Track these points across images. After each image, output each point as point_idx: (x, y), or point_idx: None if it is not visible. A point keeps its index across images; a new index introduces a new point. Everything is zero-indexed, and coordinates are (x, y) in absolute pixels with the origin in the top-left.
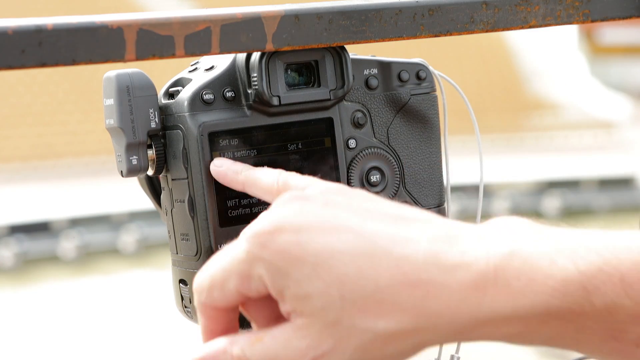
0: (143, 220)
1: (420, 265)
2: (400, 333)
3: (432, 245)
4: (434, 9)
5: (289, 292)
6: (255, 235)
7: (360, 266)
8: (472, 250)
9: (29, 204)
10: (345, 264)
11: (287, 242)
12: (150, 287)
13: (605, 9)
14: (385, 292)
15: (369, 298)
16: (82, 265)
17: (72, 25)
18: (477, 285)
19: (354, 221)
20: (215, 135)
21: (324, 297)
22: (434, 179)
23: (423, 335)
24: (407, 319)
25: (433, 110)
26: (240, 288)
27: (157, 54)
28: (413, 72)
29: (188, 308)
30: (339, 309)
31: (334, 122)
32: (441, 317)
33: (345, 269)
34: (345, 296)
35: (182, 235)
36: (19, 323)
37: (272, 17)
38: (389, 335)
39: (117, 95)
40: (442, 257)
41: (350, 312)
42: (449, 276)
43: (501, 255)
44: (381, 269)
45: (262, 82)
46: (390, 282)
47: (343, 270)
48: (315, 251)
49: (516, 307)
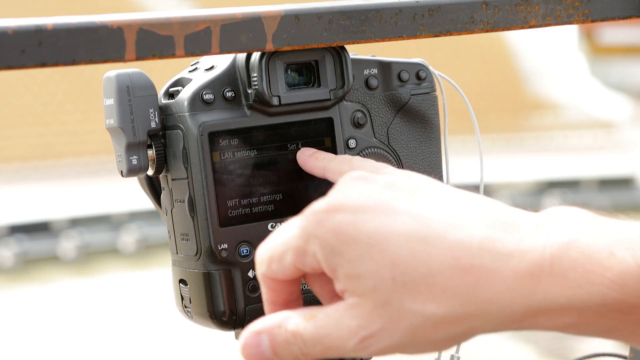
0: (143, 220)
1: (474, 251)
2: (450, 318)
3: (487, 231)
4: (434, 9)
5: (341, 271)
6: (313, 213)
7: (413, 249)
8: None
9: (29, 204)
10: (399, 246)
11: (343, 222)
12: (150, 287)
13: (605, 9)
14: (436, 276)
15: (420, 281)
16: (82, 265)
17: (72, 25)
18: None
19: (412, 205)
20: (215, 135)
21: (376, 277)
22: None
23: (473, 321)
24: (458, 305)
25: (433, 110)
26: (296, 263)
27: (157, 54)
28: (413, 72)
29: (188, 308)
30: (390, 290)
31: (334, 122)
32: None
33: (398, 251)
34: (396, 278)
35: (182, 235)
36: (19, 323)
37: (272, 17)
38: (439, 319)
39: (117, 95)
40: (497, 244)
41: (400, 294)
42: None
43: (558, 245)
44: (434, 252)
45: (262, 82)
46: (442, 267)
47: (396, 252)
48: (370, 232)
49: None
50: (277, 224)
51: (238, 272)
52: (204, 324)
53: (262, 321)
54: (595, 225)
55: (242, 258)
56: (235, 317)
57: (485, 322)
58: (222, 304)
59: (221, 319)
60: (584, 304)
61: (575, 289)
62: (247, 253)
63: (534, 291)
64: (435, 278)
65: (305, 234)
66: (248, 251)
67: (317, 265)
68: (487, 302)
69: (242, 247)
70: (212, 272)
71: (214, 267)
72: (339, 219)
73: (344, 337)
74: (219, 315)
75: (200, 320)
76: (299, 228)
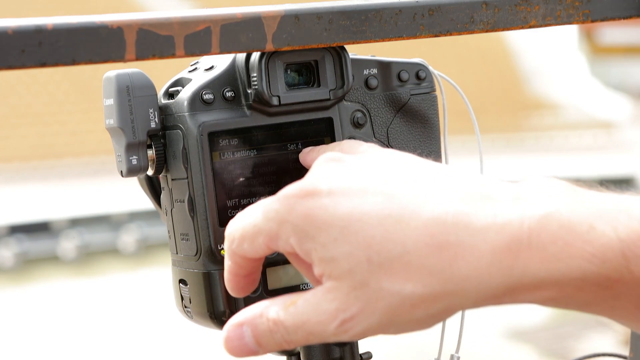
0: (143, 220)
1: (449, 226)
2: (428, 296)
3: (462, 205)
4: (434, 9)
5: (316, 255)
6: (285, 197)
7: (387, 229)
8: (505, 211)
9: (29, 204)
10: (372, 226)
11: (315, 206)
12: (150, 287)
13: (605, 9)
14: (412, 254)
15: (395, 261)
16: (82, 265)
17: (72, 25)
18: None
19: (384, 184)
20: (215, 135)
21: (351, 259)
22: None
23: (452, 299)
24: (435, 282)
25: (433, 110)
26: (269, 245)
27: (157, 54)
28: (413, 72)
29: (188, 308)
30: (366, 271)
31: (333, 122)
32: (470, 281)
33: (372, 232)
34: (372, 259)
35: (182, 235)
36: (19, 323)
37: (272, 17)
38: (417, 298)
39: (117, 95)
40: (472, 218)
41: (377, 275)
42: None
43: (537, 218)
44: (408, 231)
45: (262, 82)
46: (417, 245)
47: (370, 233)
48: (342, 215)
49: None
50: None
51: None
52: (204, 324)
53: (243, 313)
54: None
55: None
56: None
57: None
58: (222, 304)
59: (221, 319)
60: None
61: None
62: None
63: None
64: (411, 256)
65: (278, 219)
66: None
67: (290, 249)
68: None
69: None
70: (212, 272)
71: (214, 267)
72: (311, 204)
73: (324, 322)
74: (219, 315)
75: (200, 320)
76: (273, 211)
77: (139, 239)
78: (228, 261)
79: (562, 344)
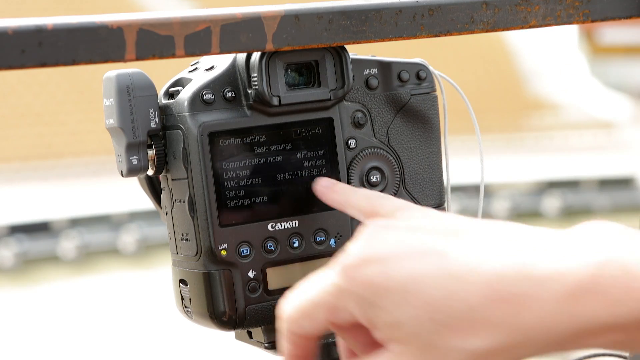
0: (143, 220)
1: (511, 279)
2: (495, 350)
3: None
4: (434, 9)
5: (379, 321)
6: (343, 269)
7: (447, 287)
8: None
9: (29, 204)
10: (432, 287)
11: (374, 273)
12: (150, 287)
13: (605, 9)
14: (476, 310)
15: (459, 318)
16: (82, 265)
17: (72, 25)
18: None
19: (438, 244)
20: (216, 135)
21: (415, 322)
22: (434, 179)
23: (519, 349)
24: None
25: (433, 110)
26: (330, 318)
27: (157, 54)
28: (413, 72)
29: (188, 308)
30: (432, 332)
31: (334, 122)
32: (536, 330)
33: (433, 292)
34: (435, 319)
35: (182, 235)
36: (19, 323)
37: (272, 17)
38: (484, 352)
39: (117, 95)
40: (532, 269)
41: (442, 334)
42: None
43: (596, 264)
44: (469, 287)
45: (262, 82)
46: (480, 300)
47: (430, 294)
48: (402, 278)
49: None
50: (277, 224)
51: (238, 272)
52: (204, 324)
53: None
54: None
55: (242, 258)
56: (235, 317)
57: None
58: (222, 304)
59: (221, 319)
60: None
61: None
62: (247, 253)
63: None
64: (475, 312)
65: (338, 290)
66: (248, 251)
67: (352, 319)
68: (531, 329)
69: (242, 247)
70: (212, 272)
71: (214, 267)
72: (370, 271)
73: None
74: (219, 315)
75: (200, 320)
76: (330, 285)
77: (139, 239)
78: (287, 345)
79: None
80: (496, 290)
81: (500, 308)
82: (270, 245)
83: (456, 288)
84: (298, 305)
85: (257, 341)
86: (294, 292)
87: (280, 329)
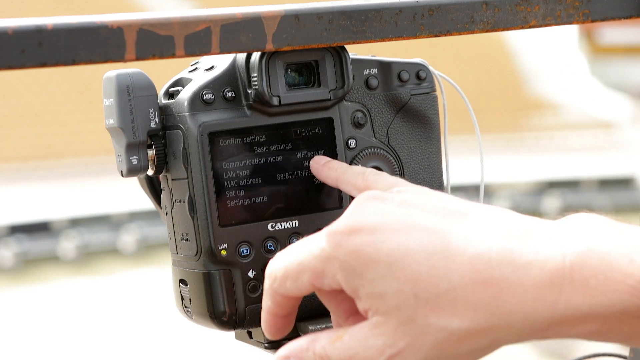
0: (143, 220)
1: (494, 263)
2: (474, 331)
3: (505, 242)
4: (434, 9)
5: (363, 291)
6: (331, 235)
7: (433, 265)
8: (547, 247)
9: (29, 204)
10: (419, 262)
11: (362, 243)
12: (150, 287)
13: (605, 9)
14: (458, 290)
15: (442, 296)
16: (82, 265)
17: (72, 25)
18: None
19: (428, 220)
20: (216, 135)
21: (398, 295)
22: (434, 179)
23: (497, 333)
24: (481, 318)
25: (433, 110)
26: (314, 282)
27: (157, 54)
28: (413, 72)
29: (188, 308)
30: (413, 307)
31: (334, 122)
32: (515, 315)
33: (419, 268)
34: (419, 294)
35: (182, 235)
36: (19, 323)
37: (272, 17)
38: (463, 333)
39: (117, 95)
40: (515, 254)
41: (424, 311)
42: (522, 274)
43: (577, 253)
44: (454, 267)
45: (262, 82)
46: (463, 281)
47: (416, 269)
48: (389, 251)
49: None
50: (277, 224)
51: (238, 272)
52: (204, 324)
53: (289, 347)
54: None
55: (242, 258)
56: (235, 317)
57: (509, 333)
58: (222, 304)
59: (221, 319)
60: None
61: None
62: (247, 253)
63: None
64: (457, 292)
65: (324, 256)
66: (248, 251)
67: (335, 285)
68: (510, 313)
69: (242, 247)
70: (212, 272)
71: (214, 267)
72: (358, 240)
73: (371, 357)
74: (219, 315)
75: (200, 320)
76: (317, 249)
77: (139, 239)
78: (268, 301)
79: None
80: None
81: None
82: (270, 245)
83: (441, 266)
84: (284, 266)
85: (257, 341)
86: (282, 252)
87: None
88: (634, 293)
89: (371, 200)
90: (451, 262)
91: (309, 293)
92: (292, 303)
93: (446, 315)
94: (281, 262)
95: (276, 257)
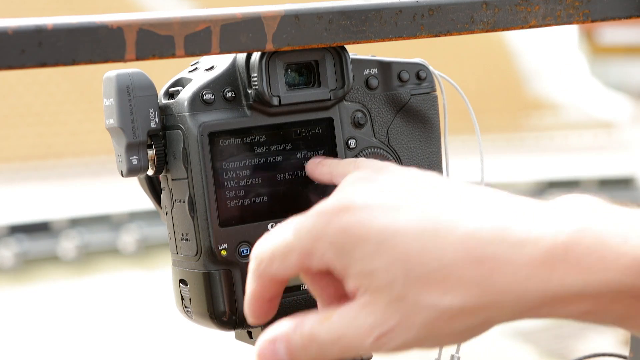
0: (143, 220)
1: (486, 241)
2: (466, 309)
3: (498, 221)
4: (434, 9)
5: (352, 270)
6: (320, 214)
7: (424, 243)
8: (540, 226)
9: (29, 204)
10: (409, 240)
11: (351, 221)
12: (150, 287)
13: (605, 9)
14: (449, 268)
15: (433, 274)
16: (82, 265)
17: (72, 25)
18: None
19: (419, 199)
20: (216, 135)
21: (388, 273)
22: None
23: (489, 311)
24: (473, 295)
25: (433, 110)
26: (302, 262)
27: (157, 54)
28: (413, 72)
29: (188, 308)
30: (403, 285)
31: (334, 122)
32: (507, 293)
33: (409, 246)
34: (409, 272)
35: (182, 235)
36: (19, 323)
37: (272, 17)
38: (455, 311)
39: (117, 95)
40: (508, 232)
41: (414, 288)
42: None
43: (571, 232)
44: (446, 245)
45: (262, 82)
46: (454, 259)
47: (407, 247)
48: (379, 229)
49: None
50: (277, 224)
51: (238, 272)
52: (204, 324)
53: (275, 328)
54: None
55: (242, 258)
56: (235, 317)
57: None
58: (222, 304)
59: (221, 319)
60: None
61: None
62: (247, 253)
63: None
64: (449, 270)
65: (313, 235)
66: (248, 251)
67: (324, 265)
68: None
69: (242, 247)
70: (212, 272)
71: (214, 267)
72: (347, 219)
73: (360, 336)
74: (219, 316)
75: (200, 321)
76: (306, 229)
77: (139, 239)
78: (253, 284)
79: (562, 344)
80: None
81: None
82: None
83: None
84: (271, 247)
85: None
86: (268, 234)
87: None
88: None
89: (360, 181)
90: (442, 239)
91: (296, 274)
92: (277, 286)
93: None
94: (268, 244)
95: (262, 239)
